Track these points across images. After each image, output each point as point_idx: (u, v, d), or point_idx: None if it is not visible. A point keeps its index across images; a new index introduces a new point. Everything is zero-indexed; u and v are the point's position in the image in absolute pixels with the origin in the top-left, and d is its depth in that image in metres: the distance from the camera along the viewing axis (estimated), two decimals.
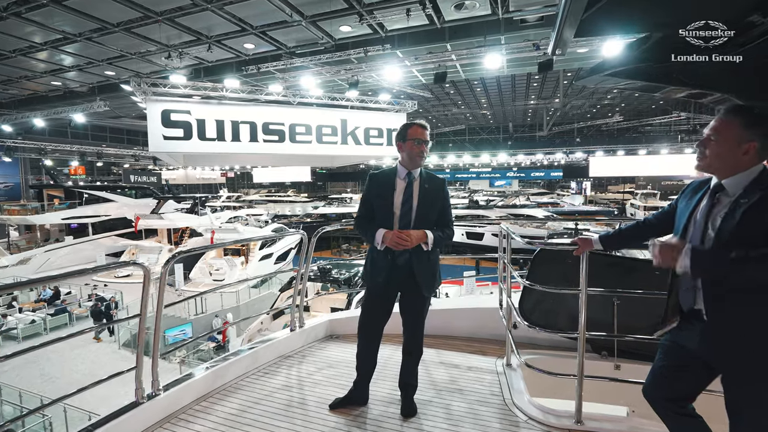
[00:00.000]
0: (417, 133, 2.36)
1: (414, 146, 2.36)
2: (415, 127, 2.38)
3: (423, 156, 2.37)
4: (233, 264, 19.82)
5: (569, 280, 3.17)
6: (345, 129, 12.12)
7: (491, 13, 10.47)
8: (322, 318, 3.65)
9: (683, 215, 1.66)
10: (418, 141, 2.35)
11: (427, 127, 2.41)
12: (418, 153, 2.36)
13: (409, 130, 2.38)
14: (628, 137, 34.72)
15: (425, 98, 26.86)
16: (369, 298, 2.51)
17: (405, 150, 2.39)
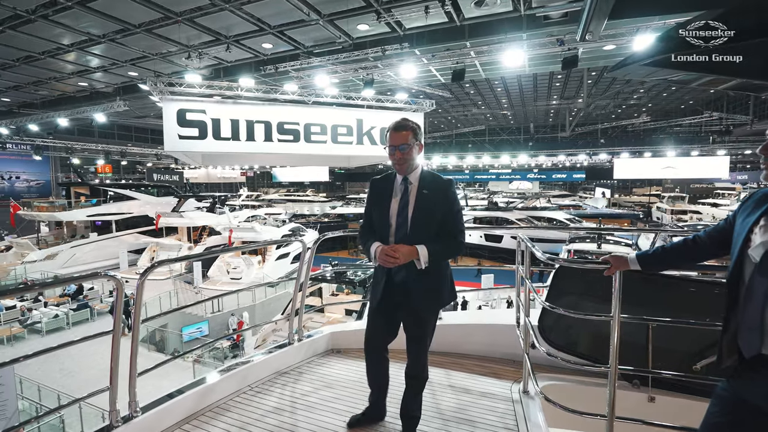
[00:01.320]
0: (390, 138, 2.11)
1: (389, 154, 2.12)
2: (390, 131, 2.12)
3: (401, 163, 2.09)
4: (250, 263, 19.93)
5: (594, 296, 2.85)
6: (361, 129, 11.91)
7: (513, 9, 10.08)
8: (323, 330, 3.42)
9: (741, 233, 1.35)
10: (391, 148, 2.10)
11: (403, 126, 2.09)
12: (393, 161, 2.11)
13: (387, 135, 2.15)
14: (655, 138, 33.35)
15: (444, 98, 26.46)
16: (370, 313, 2.29)
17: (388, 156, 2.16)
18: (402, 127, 2.10)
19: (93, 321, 15.77)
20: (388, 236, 2.13)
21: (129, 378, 2.05)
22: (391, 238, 2.12)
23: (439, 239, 2.07)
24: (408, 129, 2.09)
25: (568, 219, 27.79)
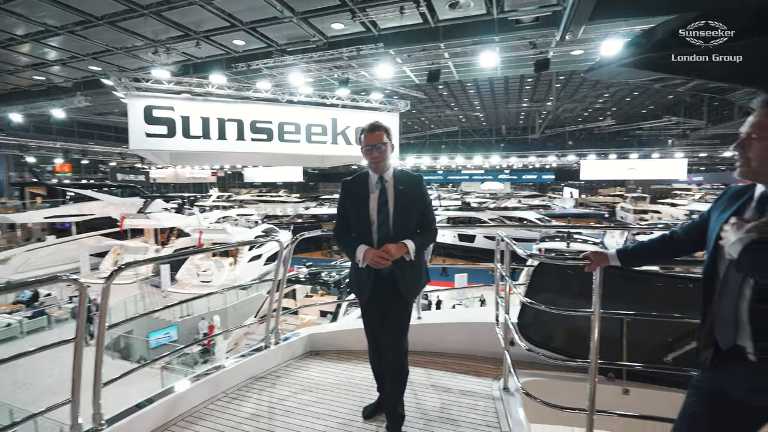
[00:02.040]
0: (365, 139, 2.19)
1: (366, 154, 2.19)
2: (364, 133, 2.20)
3: (377, 161, 2.18)
4: (221, 265, 19.36)
5: (571, 292, 2.91)
6: (335, 128, 11.78)
7: (486, 12, 10.25)
8: (300, 332, 3.33)
9: (716, 229, 1.39)
10: (368, 147, 2.17)
11: (377, 127, 2.19)
12: (370, 160, 2.19)
13: (361, 137, 2.22)
14: (619, 141, 34.84)
15: (418, 99, 26.67)
16: (362, 309, 2.44)
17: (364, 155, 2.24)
18: (376, 128, 2.20)
19: (50, 329, 14.88)
20: (369, 234, 2.19)
21: (93, 388, 1.91)
22: (373, 235, 2.19)
23: (419, 231, 2.23)
24: (382, 129, 2.20)
25: (539, 218, 28.56)
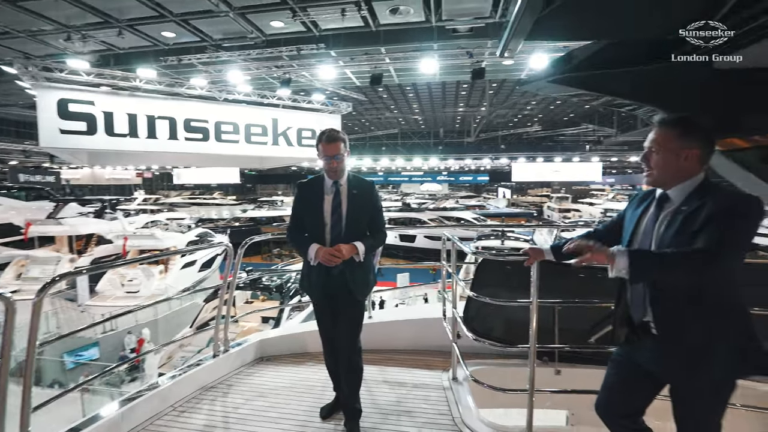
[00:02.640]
0: (324, 149, 2.27)
1: (324, 162, 2.29)
2: (322, 142, 2.29)
3: (335, 171, 2.29)
4: (150, 273, 17.91)
5: (509, 285, 3.17)
6: (276, 129, 11.48)
7: (425, 20, 10.63)
8: (251, 338, 3.26)
9: (630, 224, 1.66)
10: (326, 158, 2.27)
11: (335, 138, 2.28)
12: (328, 169, 2.29)
13: (319, 145, 2.31)
14: (545, 145, 37.77)
15: (359, 101, 26.81)
16: (315, 310, 2.52)
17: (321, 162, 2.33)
18: (335, 139, 2.29)
19: None
20: (323, 234, 2.30)
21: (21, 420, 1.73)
22: (326, 236, 2.30)
23: (369, 233, 2.36)
24: (339, 140, 2.30)
25: (475, 218, 30.02)
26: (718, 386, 1.45)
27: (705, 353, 1.42)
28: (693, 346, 1.43)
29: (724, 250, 1.32)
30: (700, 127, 1.47)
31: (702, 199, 1.41)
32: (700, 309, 1.42)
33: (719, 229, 1.32)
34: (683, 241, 1.39)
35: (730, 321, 1.43)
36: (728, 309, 1.43)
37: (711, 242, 1.31)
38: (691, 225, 1.39)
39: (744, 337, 1.42)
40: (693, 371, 1.44)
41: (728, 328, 1.42)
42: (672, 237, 1.44)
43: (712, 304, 1.42)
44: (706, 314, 1.42)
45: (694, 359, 1.43)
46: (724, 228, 1.32)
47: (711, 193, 1.41)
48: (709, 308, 1.42)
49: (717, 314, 1.42)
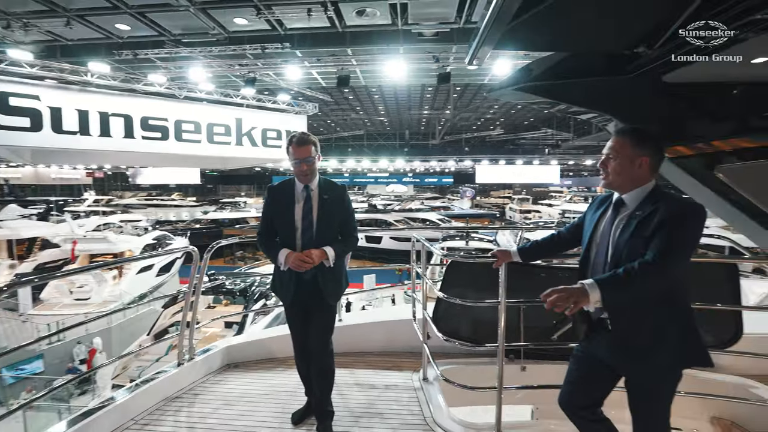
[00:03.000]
0: (294, 152, 2.24)
1: (294, 166, 2.25)
2: (292, 145, 2.25)
3: (306, 174, 2.26)
4: (102, 279, 16.86)
5: (476, 286, 3.26)
6: (240, 129, 11.16)
7: (391, 23, 10.72)
8: (217, 345, 3.16)
9: (589, 227, 1.77)
10: (297, 161, 2.23)
11: (306, 141, 2.24)
12: (299, 173, 2.26)
13: (289, 148, 2.27)
14: (507, 148, 39.09)
15: (325, 102, 26.59)
16: (287, 314, 2.48)
17: (291, 166, 2.29)
18: (305, 142, 2.25)
19: None
20: (294, 239, 2.28)
21: None
22: (297, 241, 2.28)
23: (340, 238, 2.35)
24: (310, 143, 2.26)
25: (440, 219, 30.52)
26: (666, 376, 1.58)
27: (655, 347, 1.54)
28: (644, 341, 1.55)
29: (674, 253, 1.45)
30: (652, 137, 1.59)
31: (655, 204, 1.53)
32: (650, 306, 1.55)
33: (670, 236, 1.44)
34: (637, 245, 1.51)
35: (676, 317, 1.56)
36: (675, 306, 1.56)
37: (663, 249, 1.43)
38: (645, 230, 1.51)
39: (688, 331, 1.55)
40: (645, 363, 1.56)
41: (675, 323, 1.55)
42: (627, 241, 1.55)
43: (661, 302, 1.55)
44: (655, 311, 1.55)
45: (645, 352, 1.55)
46: (675, 234, 1.45)
47: (662, 199, 1.53)
48: (658, 306, 1.55)
49: (665, 311, 1.55)
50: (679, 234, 1.46)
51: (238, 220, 27.05)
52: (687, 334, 1.55)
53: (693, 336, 1.56)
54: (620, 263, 1.53)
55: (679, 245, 1.46)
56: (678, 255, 1.46)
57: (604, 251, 1.64)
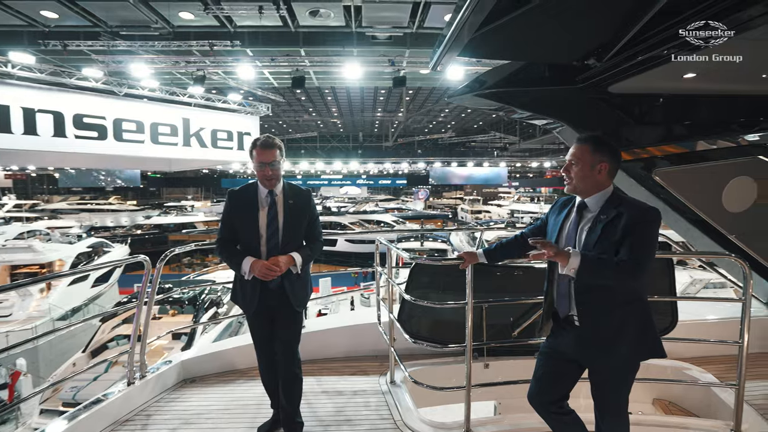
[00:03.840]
0: (258, 155, 2.17)
1: (258, 170, 2.18)
2: (256, 148, 2.18)
3: (271, 179, 2.19)
4: (26, 293, 15.24)
5: (438, 288, 3.33)
6: (188, 129, 10.54)
7: (345, 25, 10.68)
8: (172, 359, 2.96)
9: (555, 229, 1.85)
10: (261, 165, 2.17)
11: (271, 144, 2.19)
12: (263, 177, 2.19)
13: (253, 151, 2.20)
14: (458, 151, 40.33)
15: (276, 103, 25.96)
16: (250, 324, 2.38)
17: (255, 171, 2.22)
18: (271, 145, 2.19)
19: None
20: (258, 247, 2.20)
21: None
22: (262, 248, 2.20)
23: (306, 242, 2.31)
24: (276, 147, 2.21)
25: (394, 221, 30.83)
26: (628, 367, 1.72)
27: (619, 340, 1.67)
28: (609, 335, 1.68)
29: (645, 257, 1.60)
30: (609, 143, 1.71)
31: (617, 208, 1.65)
32: (615, 303, 1.67)
33: (640, 242, 1.59)
34: (606, 247, 1.63)
35: (638, 313, 1.70)
36: (637, 304, 1.70)
37: (636, 255, 1.57)
38: (611, 233, 1.63)
39: (647, 326, 1.70)
40: (609, 356, 1.69)
41: (636, 319, 1.69)
42: (595, 243, 1.66)
43: (623, 300, 1.67)
44: (619, 308, 1.67)
45: (609, 346, 1.68)
46: (643, 240, 1.60)
47: (623, 203, 1.66)
48: (621, 303, 1.67)
49: (629, 308, 1.68)
50: (646, 239, 1.61)
51: (185, 225, 25.60)
52: (647, 329, 1.70)
53: (651, 330, 1.71)
54: None
55: (647, 249, 1.61)
56: (647, 258, 1.61)
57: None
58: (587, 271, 1.59)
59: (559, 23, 1.92)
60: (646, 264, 1.59)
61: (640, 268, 1.57)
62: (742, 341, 2.24)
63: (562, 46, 2.21)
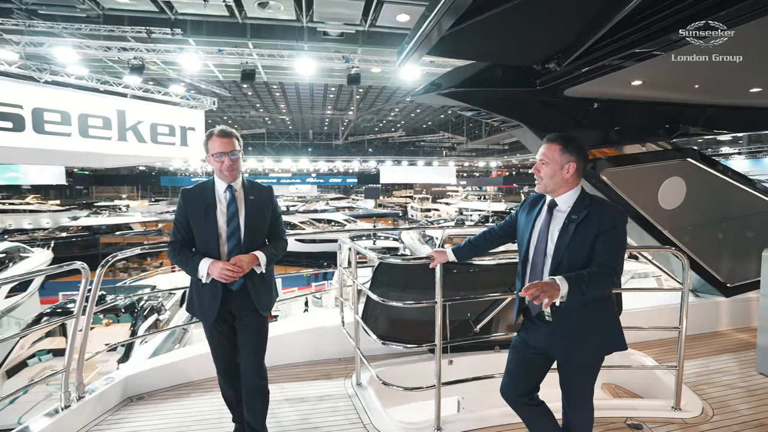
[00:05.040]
0: (215, 145, 2.03)
1: (215, 161, 2.04)
2: (213, 137, 2.04)
3: (231, 170, 2.05)
4: None
5: (405, 287, 3.32)
6: (123, 122, 9.68)
7: (296, 19, 10.40)
8: (114, 376, 2.69)
9: (526, 227, 1.88)
10: (218, 155, 2.02)
11: (229, 133, 2.07)
12: (221, 168, 2.04)
13: (209, 142, 2.05)
14: (408, 150, 40.98)
15: (221, 97, 24.78)
16: (209, 333, 2.18)
17: (210, 165, 2.07)
18: (228, 134, 2.06)
19: None
20: (217, 247, 2.05)
21: None
22: (222, 248, 2.06)
23: (269, 241, 2.18)
24: (233, 136, 2.08)
25: (345, 219, 30.63)
26: (595, 359, 1.81)
27: (587, 334, 1.75)
28: (578, 330, 1.75)
29: (620, 258, 1.71)
30: (577, 143, 1.77)
31: (587, 208, 1.72)
32: (585, 301, 1.72)
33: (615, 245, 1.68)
34: (577, 248, 1.69)
35: (606, 309, 1.79)
36: (606, 300, 1.80)
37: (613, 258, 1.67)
38: (583, 234, 1.69)
39: (613, 321, 1.80)
40: (578, 349, 1.77)
41: (604, 314, 1.78)
42: (567, 244, 1.71)
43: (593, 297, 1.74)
44: (589, 304, 1.74)
45: (580, 340, 1.75)
46: (617, 243, 1.69)
47: (593, 203, 1.73)
48: (591, 300, 1.74)
49: (596, 305, 1.76)
50: (619, 244, 1.71)
51: (119, 227, 23.57)
52: (613, 324, 1.80)
53: (617, 325, 1.81)
54: (561, 264, 1.71)
55: (620, 252, 1.72)
56: (621, 261, 1.72)
57: (542, 251, 1.78)
58: (576, 292, 1.63)
59: (527, 26, 1.97)
60: (621, 268, 1.70)
61: (617, 274, 1.67)
62: (681, 327, 2.45)
63: (527, 49, 2.28)
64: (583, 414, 1.88)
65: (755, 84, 2.70)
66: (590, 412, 1.89)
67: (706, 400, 2.68)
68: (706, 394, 2.75)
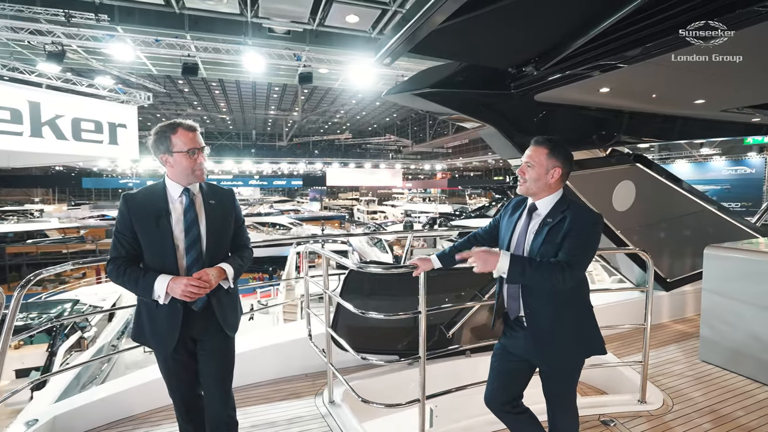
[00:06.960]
0: (187, 140, 1.75)
1: (187, 158, 1.74)
2: (180, 131, 1.74)
3: (202, 168, 1.79)
4: None
5: (367, 294, 3.18)
6: (38, 116, 8.53)
7: (239, 13, 9.88)
8: (40, 417, 2.25)
9: (507, 231, 1.85)
10: (191, 151, 1.74)
11: (196, 127, 1.82)
12: (195, 167, 1.77)
13: (174, 136, 1.74)
14: (355, 152, 40.85)
15: (154, 92, 23.01)
16: (164, 365, 1.85)
17: (174, 164, 1.75)
18: (194, 128, 1.80)
19: None
20: (174, 262, 1.74)
21: None
22: (180, 262, 1.75)
23: (232, 252, 1.93)
24: (197, 130, 1.82)
25: (291, 223, 29.75)
26: (576, 364, 1.80)
27: (565, 340, 1.73)
28: (556, 336, 1.73)
29: (580, 257, 1.65)
30: (565, 148, 1.75)
31: (563, 212, 1.70)
32: (561, 305, 1.72)
33: (576, 243, 1.63)
34: (548, 250, 1.66)
35: (582, 314, 1.78)
36: (582, 306, 1.78)
37: (570, 255, 1.62)
38: (555, 236, 1.67)
39: (592, 326, 1.79)
40: (557, 355, 1.74)
41: (581, 320, 1.77)
42: (540, 247, 1.69)
43: (571, 302, 1.74)
44: (566, 310, 1.73)
45: (558, 346, 1.73)
46: (581, 242, 1.65)
47: (570, 208, 1.71)
48: (568, 305, 1.73)
49: (575, 310, 1.75)
50: (582, 241, 1.66)
51: (32, 234, 20.82)
52: (591, 329, 1.79)
53: (595, 330, 1.80)
54: None
55: (583, 250, 1.67)
56: (582, 259, 1.67)
57: (520, 254, 1.75)
58: (517, 271, 1.61)
59: (513, 28, 1.94)
60: (579, 265, 1.64)
61: (573, 269, 1.61)
62: (646, 324, 2.56)
63: (509, 51, 2.26)
64: (567, 419, 1.87)
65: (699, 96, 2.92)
66: (575, 417, 1.89)
67: (665, 390, 2.83)
68: (663, 385, 2.91)
